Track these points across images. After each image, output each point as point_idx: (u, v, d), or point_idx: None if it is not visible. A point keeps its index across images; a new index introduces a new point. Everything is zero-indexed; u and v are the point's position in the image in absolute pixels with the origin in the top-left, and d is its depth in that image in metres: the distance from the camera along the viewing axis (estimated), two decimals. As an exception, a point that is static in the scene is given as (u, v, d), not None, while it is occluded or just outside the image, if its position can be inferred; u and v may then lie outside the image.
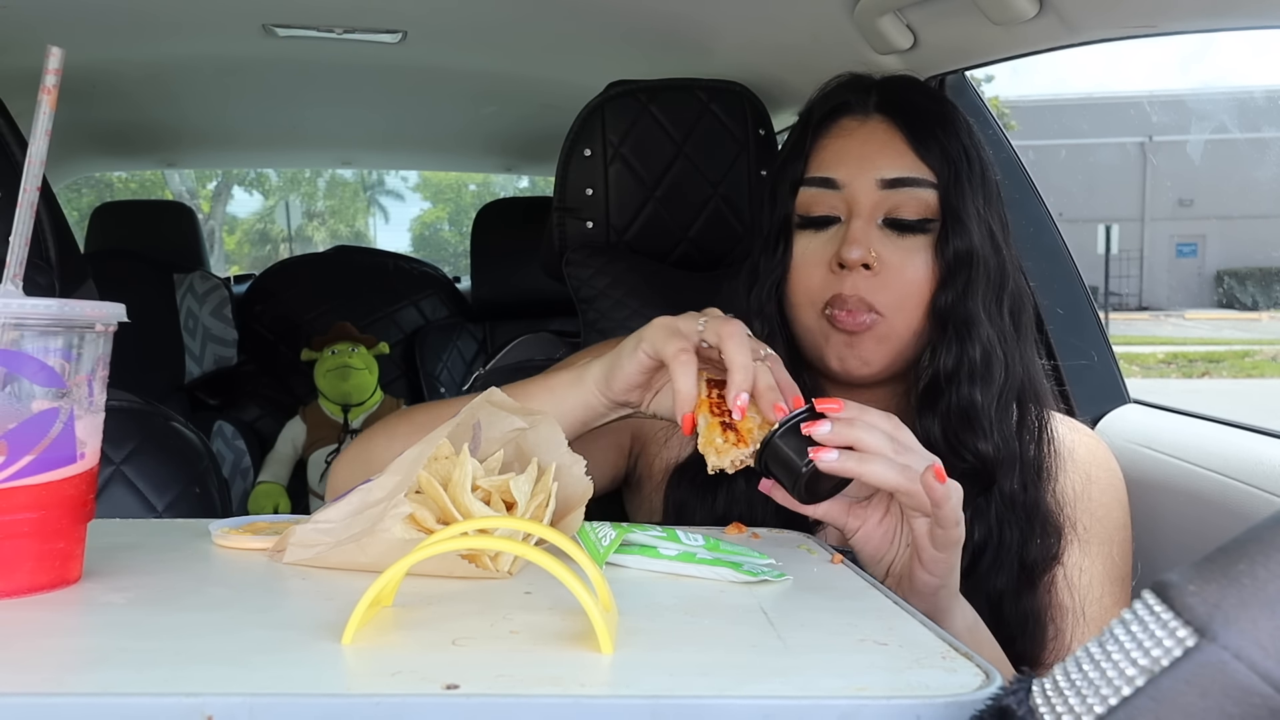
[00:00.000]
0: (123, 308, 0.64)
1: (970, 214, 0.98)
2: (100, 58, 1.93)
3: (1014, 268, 1.02)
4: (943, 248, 0.97)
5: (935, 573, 0.79)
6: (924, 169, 0.99)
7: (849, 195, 0.99)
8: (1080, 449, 1.06)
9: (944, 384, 0.97)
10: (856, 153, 1.00)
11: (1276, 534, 0.37)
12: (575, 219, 1.43)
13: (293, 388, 2.79)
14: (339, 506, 0.70)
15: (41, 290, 1.10)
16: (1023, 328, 1.02)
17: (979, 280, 0.97)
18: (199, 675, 0.47)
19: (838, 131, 1.03)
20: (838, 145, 1.02)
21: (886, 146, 1.00)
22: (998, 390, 0.97)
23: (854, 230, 0.97)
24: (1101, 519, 1.03)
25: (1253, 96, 19.86)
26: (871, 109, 1.02)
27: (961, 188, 0.98)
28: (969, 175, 0.99)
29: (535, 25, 1.73)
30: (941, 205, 0.98)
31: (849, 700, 0.46)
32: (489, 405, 0.75)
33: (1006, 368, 0.98)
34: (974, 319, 0.97)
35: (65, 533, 0.61)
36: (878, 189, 0.99)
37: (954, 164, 0.99)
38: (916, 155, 0.99)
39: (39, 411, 0.59)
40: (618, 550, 0.69)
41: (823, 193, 1.01)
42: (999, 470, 0.97)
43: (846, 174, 1.00)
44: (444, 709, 0.45)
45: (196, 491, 1.18)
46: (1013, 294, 1.01)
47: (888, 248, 0.98)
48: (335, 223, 22.43)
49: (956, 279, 0.97)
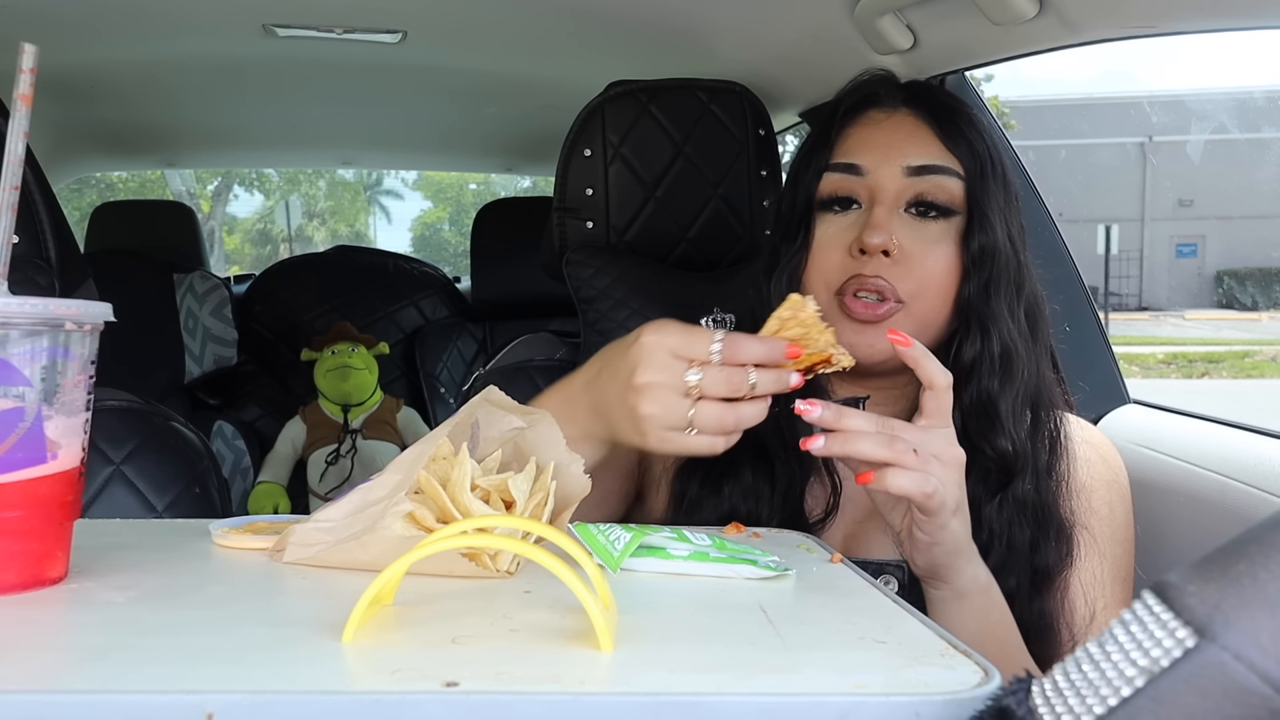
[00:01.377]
0: (108, 306, 0.63)
1: (995, 210, 0.98)
2: (100, 58, 1.93)
3: (1030, 272, 1.03)
4: (968, 240, 0.98)
5: (925, 558, 0.83)
6: (951, 159, 1.00)
7: (873, 182, 1.00)
8: (1086, 449, 1.05)
9: (965, 378, 0.97)
10: (884, 140, 1.01)
11: (1276, 534, 0.37)
12: (575, 219, 1.44)
13: (293, 388, 2.79)
14: (339, 505, 0.70)
15: (42, 290, 1.10)
16: (1039, 332, 1.02)
17: (1001, 277, 0.98)
18: (200, 673, 0.47)
19: (865, 121, 1.03)
20: (864, 134, 1.02)
21: (914, 136, 1.01)
22: (1017, 389, 0.97)
23: (876, 216, 0.97)
24: (1107, 518, 1.03)
25: (1253, 96, 19.85)
26: (899, 102, 1.03)
27: (987, 183, 0.99)
28: (994, 173, 1.00)
29: (535, 25, 1.73)
30: (967, 198, 0.99)
31: (848, 697, 0.46)
32: (488, 405, 0.75)
33: (1025, 368, 0.98)
34: (997, 315, 0.97)
35: (38, 533, 0.60)
36: (903, 175, 0.99)
37: (980, 160, 0.99)
38: (944, 145, 1.00)
39: (0, 411, 0.58)
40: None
41: (846, 178, 1.01)
42: (1015, 470, 0.97)
43: (872, 160, 1.00)
44: (444, 706, 0.45)
45: (196, 491, 1.18)
46: (1030, 297, 1.02)
47: (909, 236, 0.98)
48: (335, 222, 22.45)
49: (980, 273, 0.97)
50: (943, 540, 0.82)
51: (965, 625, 0.86)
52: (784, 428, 0.99)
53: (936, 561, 0.84)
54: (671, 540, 0.70)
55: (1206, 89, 27.35)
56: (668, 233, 1.45)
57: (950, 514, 0.81)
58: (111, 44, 1.85)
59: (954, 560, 0.84)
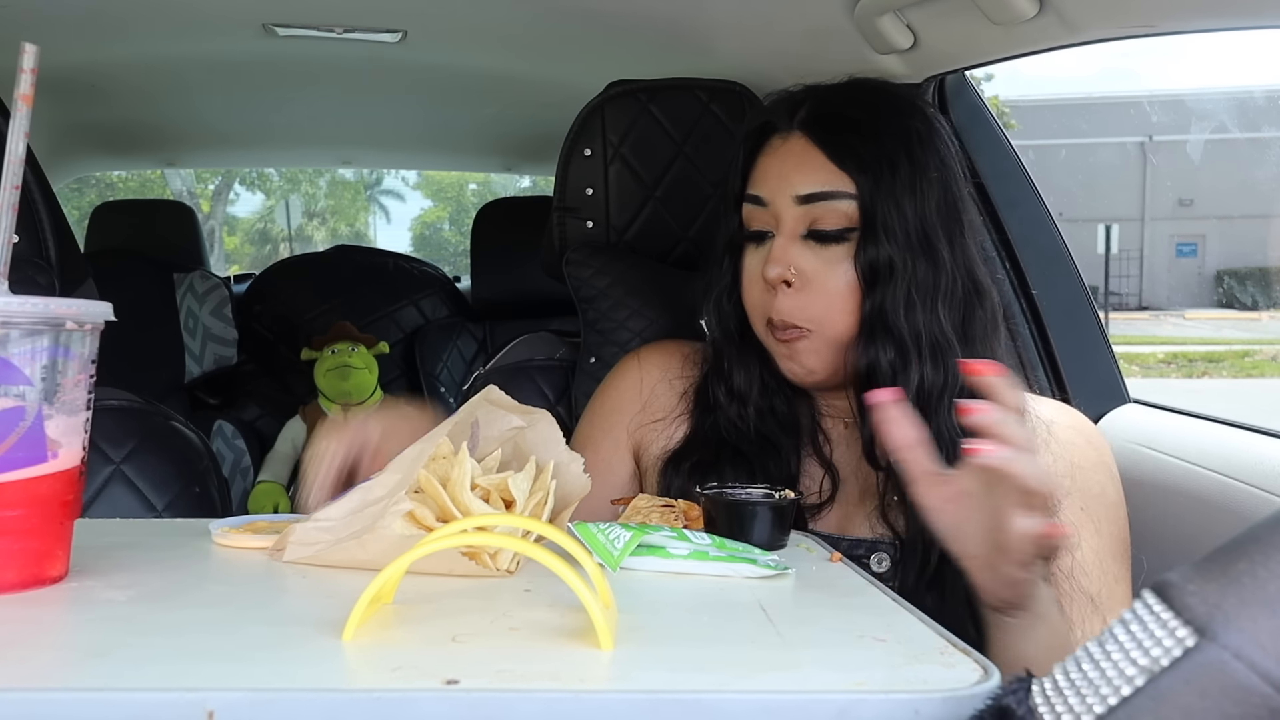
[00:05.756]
0: (108, 306, 0.63)
1: (893, 220, 0.98)
2: (100, 58, 1.93)
3: (961, 265, 1.01)
4: (858, 256, 0.98)
5: (991, 594, 0.81)
6: (841, 179, 0.99)
7: (774, 212, 1.02)
8: (1063, 429, 1.04)
9: (863, 384, 0.98)
10: (776, 170, 1.03)
11: (1276, 534, 0.37)
12: (575, 219, 1.44)
13: (293, 387, 2.79)
14: (339, 505, 0.70)
15: (42, 290, 1.10)
16: (974, 322, 1.02)
17: (899, 285, 0.97)
18: (201, 671, 0.48)
19: (766, 149, 1.05)
20: (765, 163, 1.04)
21: (803, 162, 1.01)
22: (919, 387, 0.97)
23: (775, 249, 1.00)
24: (1099, 498, 1.02)
25: (1253, 96, 19.85)
26: (794, 125, 1.03)
27: (881, 195, 0.98)
28: (892, 182, 0.98)
29: (535, 25, 1.73)
30: (861, 214, 0.99)
31: (848, 695, 0.46)
32: (487, 404, 0.75)
33: (936, 364, 0.98)
34: (890, 324, 0.97)
35: (39, 532, 0.60)
36: (795, 205, 1.00)
37: (873, 173, 0.99)
38: (834, 166, 1.00)
39: (1, 410, 0.58)
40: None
41: (756, 209, 1.04)
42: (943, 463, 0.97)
43: (769, 191, 1.02)
44: (444, 703, 0.45)
45: (196, 491, 1.18)
46: (954, 293, 1.00)
47: (810, 261, 0.99)
48: (336, 222, 22.44)
49: (874, 286, 0.98)
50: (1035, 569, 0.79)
51: (1048, 644, 0.83)
52: (768, 422, 1.03)
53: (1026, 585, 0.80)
54: (671, 539, 0.70)
55: (1206, 89, 27.35)
56: (668, 232, 1.45)
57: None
58: (111, 44, 1.85)
59: (1038, 586, 0.82)
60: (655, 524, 0.78)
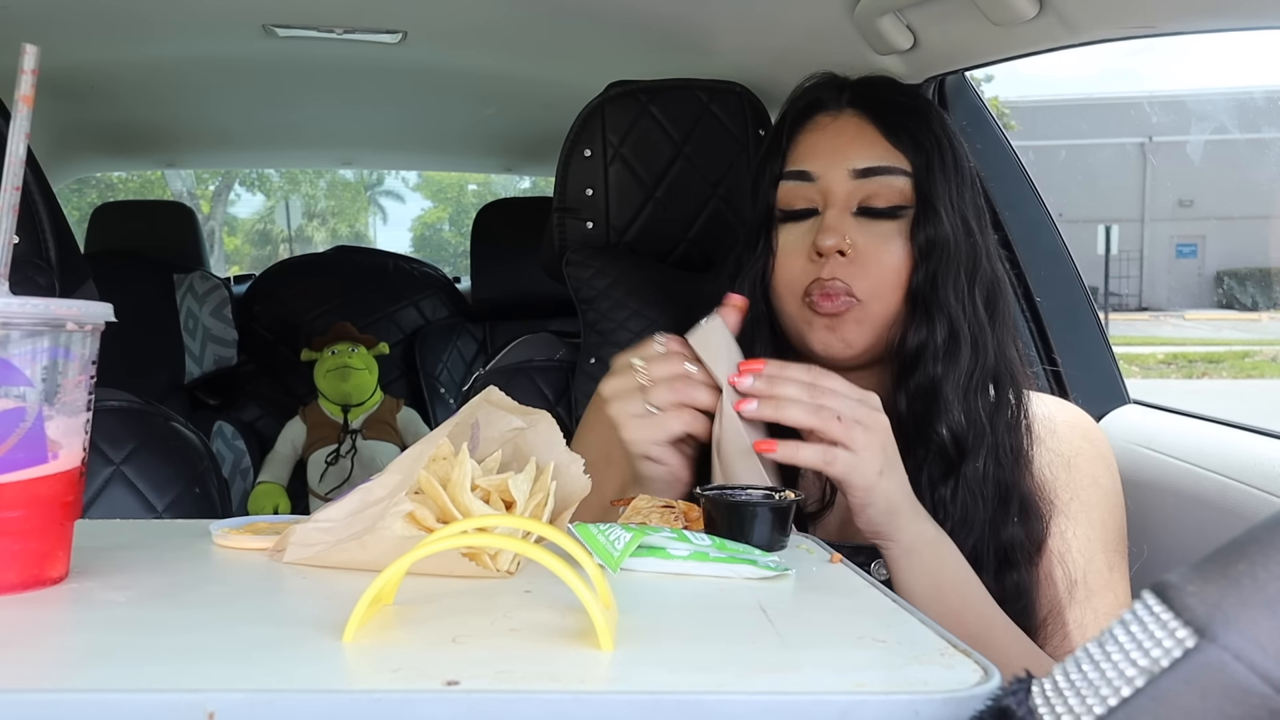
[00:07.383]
0: (108, 307, 0.63)
1: (943, 200, 1.01)
2: (100, 58, 1.93)
3: (988, 254, 1.05)
4: (916, 233, 1.01)
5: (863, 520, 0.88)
6: (897, 157, 1.02)
7: (824, 186, 1.03)
8: (1061, 425, 1.07)
9: (912, 364, 1.00)
10: (829, 145, 1.04)
11: (1276, 534, 0.37)
12: (575, 219, 1.44)
13: (293, 388, 2.79)
14: (339, 506, 0.70)
15: (42, 290, 1.10)
16: (998, 312, 1.04)
17: (950, 265, 1.00)
18: (201, 672, 0.48)
19: (812, 127, 1.06)
20: (812, 140, 1.05)
21: (858, 138, 1.03)
22: (964, 371, 1.00)
23: (829, 219, 1.01)
24: (1089, 487, 1.05)
25: (1252, 96, 19.86)
26: (844, 104, 1.06)
27: (934, 175, 1.01)
28: (941, 164, 1.02)
29: (535, 25, 1.73)
30: (915, 192, 1.01)
31: (848, 696, 0.46)
32: (488, 405, 0.75)
33: (975, 349, 1.01)
34: (944, 302, 1.00)
35: (39, 533, 0.60)
36: (850, 179, 1.02)
37: (926, 152, 1.02)
38: (889, 144, 1.03)
39: (1, 411, 0.58)
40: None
41: (799, 185, 1.04)
42: (967, 450, 0.99)
43: (820, 166, 1.03)
44: (444, 704, 0.45)
45: (196, 491, 1.18)
46: (986, 279, 1.04)
47: (862, 235, 1.01)
48: (336, 223, 22.44)
49: (928, 263, 1.00)
50: (874, 501, 0.86)
51: (918, 580, 0.89)
52: None
53: (875, 521, 0.88)
54: (671, 540, 0.70)
55: (1206, 89, 27.35)
56: (668, 233, 1.45)
57: (875, 476, 0.85)
58: (111, 44, 1.86)
59: (893, 519, 0.88)
60: (655, 525, 0.78)
